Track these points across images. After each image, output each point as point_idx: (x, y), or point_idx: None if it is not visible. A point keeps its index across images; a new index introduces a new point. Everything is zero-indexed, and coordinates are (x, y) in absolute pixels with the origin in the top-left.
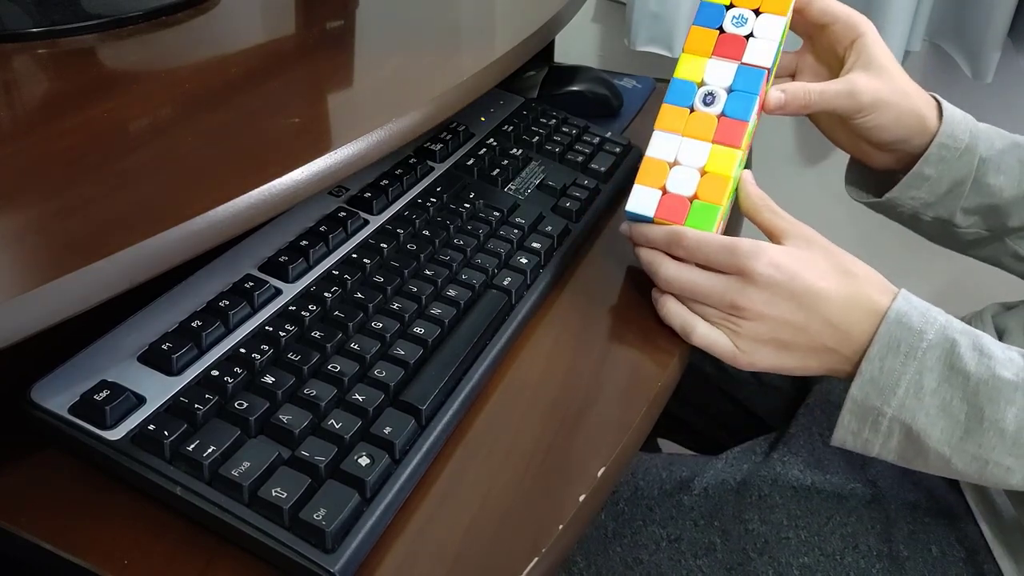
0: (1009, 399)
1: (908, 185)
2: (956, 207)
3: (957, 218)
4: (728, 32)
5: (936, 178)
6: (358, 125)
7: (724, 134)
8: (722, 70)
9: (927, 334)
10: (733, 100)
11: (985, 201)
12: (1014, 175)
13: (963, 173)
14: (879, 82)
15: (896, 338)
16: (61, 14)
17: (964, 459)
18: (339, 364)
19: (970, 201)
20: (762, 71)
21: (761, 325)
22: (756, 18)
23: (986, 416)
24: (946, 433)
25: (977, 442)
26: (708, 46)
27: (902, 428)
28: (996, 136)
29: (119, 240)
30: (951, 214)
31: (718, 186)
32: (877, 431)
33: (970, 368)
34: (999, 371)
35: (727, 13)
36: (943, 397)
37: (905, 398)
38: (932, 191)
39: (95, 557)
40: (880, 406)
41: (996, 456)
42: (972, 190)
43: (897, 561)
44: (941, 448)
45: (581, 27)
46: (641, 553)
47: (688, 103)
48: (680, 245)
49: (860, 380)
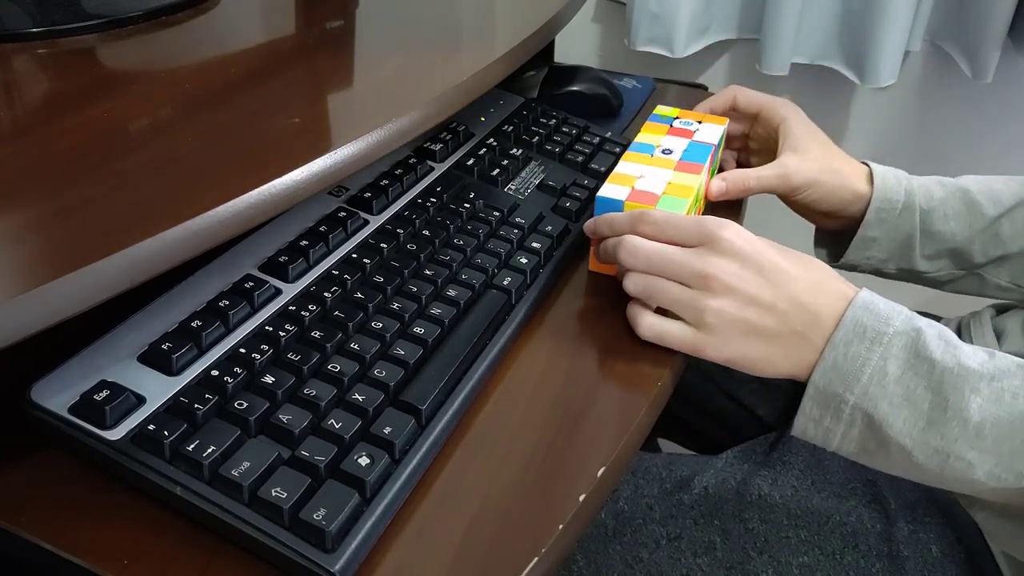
0: (974, 388)
1: (858, 248)
2: (914, 258)
3: (921, 266)
4: (677, 127)
5: (882, 238)
6: (358, 125)
7: (684, 167)
8: (676, 142)
9: (893, 321)
10: (689, 151)
11: (943, 247)
12: (962, 218)
13: (907, 228)
14: (807, 163)
15: (862, 323)
16: (61, 14)
17: (926, 452)
18: (339, 364)
19: (928, 249)
20: (710, 145)
21: (729, 302)
22: (700, 124)
23: (950, 405)
24: (908, 423)
25: (940, 432)
26: (662, 131)
27: (864, 417)
28: (935, 186)
29: (119, 240)
30: (911, 264)
31: (684, 192)
32: (839, 419)
33: (935, 356)
34: (964, 360)
35: (675, 120)
36: (907, 385)
37: (868, 385)
38: (884, 249)
39: (95, 557)
40: (843, 393)
41: (958, 449)
42: (923, 241)
43: (897, 561)
44: (903, 439)
45: (581, 27)
46: (641, 551)
47: (649, 153)
48: (646, 222)
49: (823, 366)
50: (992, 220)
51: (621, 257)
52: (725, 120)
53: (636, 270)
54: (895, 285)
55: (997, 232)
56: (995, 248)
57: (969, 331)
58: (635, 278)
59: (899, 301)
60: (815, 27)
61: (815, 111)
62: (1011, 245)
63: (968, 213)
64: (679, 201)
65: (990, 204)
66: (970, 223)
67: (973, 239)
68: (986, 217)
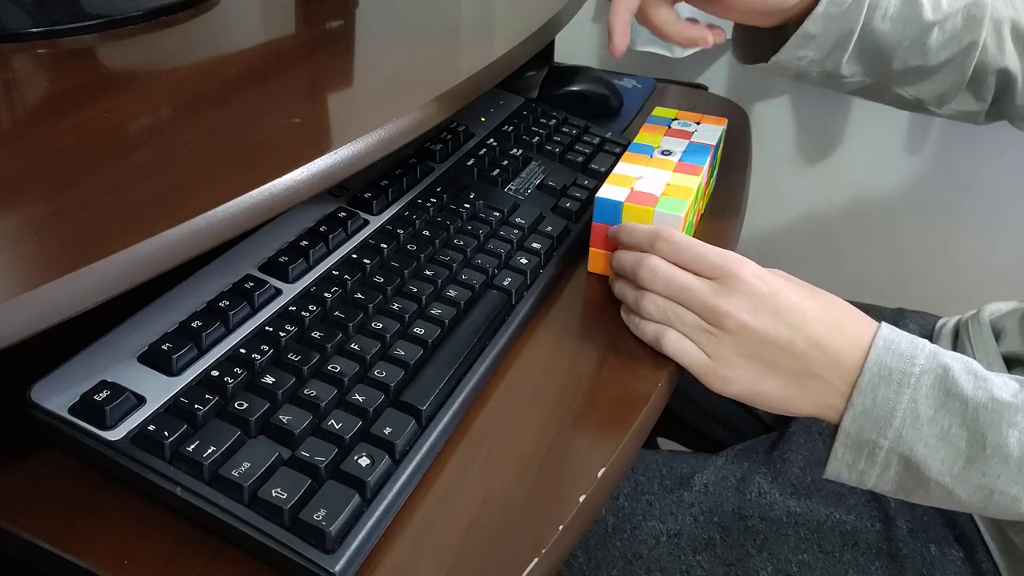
0: (1011, 422)
1: (794, 46)
2: (841, 59)
3: (843, 69)
4: (676, 128)
5: (821, 35)
6: (358, 125)
7: (683, 168)
8: (675, 143)
9: (918, 359)
10: (688, 152)
11: (871, 48)
12: (900, 19)
13: (850, 25)
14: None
15: (887, 366)
16: (61, 14)
17: (968, 489)
18: (339, 364)
19: (856, 51)
20: (709, 146)
21: (743, 339)
22: (698, 126)
23: (988, 442)
24: (947, 463)
25: (981, 471)
26: (661, 132)
27: (900, 459)
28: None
29: (119, 240)
30: (836, 67)
31: (683, 193)
32: (874, 463)
33: (967, 392)
34: (997, 393)
35: (673, 121)
36: (941, 425)
37: (902, 428)
38: (818, 48)
39: (95, 557)
40: (876, 438)
41: (1002, 485)
42: (859, 41)
43: (896, 559)
44: (943, 479)
45: (581, 27)
46: (641, 548)
47: (648, 154)
48: (666, 241)
49: (852, 413)
50: (928, 26)
51: (642, 276)
52: (724, 120)
53: (652, 291)
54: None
55: (924, 40)
56: (916, 58)
57: (967, 331)
58: (655, 300)
59: (900, 300)
60: None
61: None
62: (931, 58)
63: (908, 14)
64: (678, 202)
65: (931, 8)
66: (905, 24)
67: (901, 43)
68: (923, 21)
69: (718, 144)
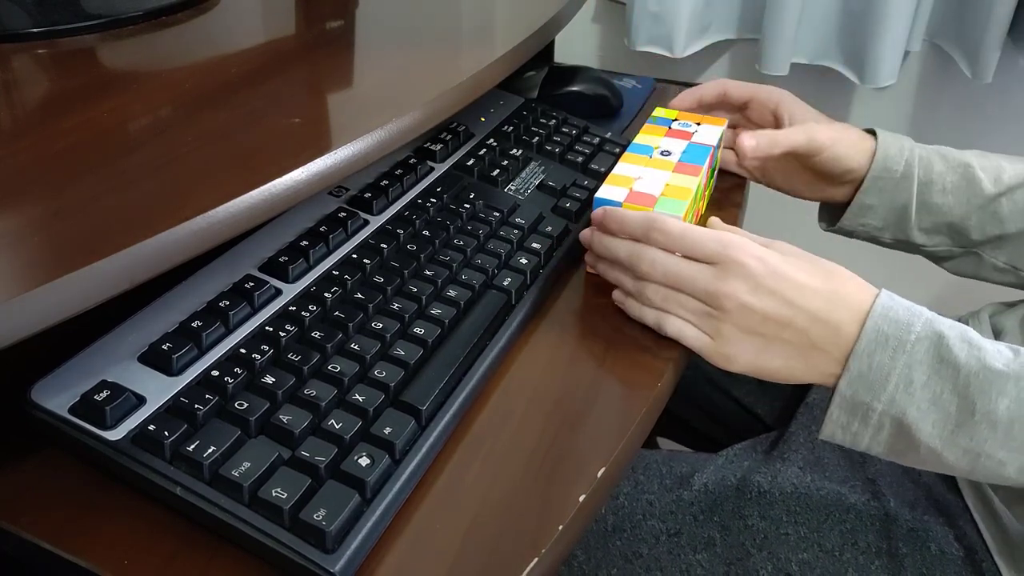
0: (1000, 390)
1: (854, 214)
2: (910, 229)
3: (917, 238)
4: (676, 129)
5: (879, 206)
6: (358, 125)
7: (683, 168)
8: (675, 143)
9: (914, 327)
10: (688, 152)
11: (940, 220)
12: (960, 193)
13: (904, 198)
14: (823, 125)
15: (883, 332)
16: (61, 14)
17: (955, 452)
18: (339, 364)
19: (924, 222)
20: (709, 146)
21: (744, 318)
22: (698, 126)
23: (978, 408)
24: (937, 427)
25: (969, 435)
26: (661, 132)
27: (892, 422)
28: (937, 158)
29: (119, 240)
30: (908, 236)
31: (682, 194)
32: (867, 424)
33: (960, 359)
34: (989, 362)
35: (673, 122)
36: (933, 390)
37: (895, 393)
38: (880, 217)
39: (95, 557)
40: (870, 401)
41: (988, 448)
42: (920, 212)
43: (896, 558)
44: (932, 442)
45: (581, 27)
46: (641, 547)
47: (647, 154)
48: (660, 230)
49: (848, 376)
50: (991, 198)
51: (642, 270)
52: (723, 121)
53: (651, 281)
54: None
55: (996, 211)
56: (993, 227)
57: None
58: (656, 288)
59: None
60: (815, 27)
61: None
62: (1009, 225)
63: (967, 188)
64: (677, 203)
65: (991, 181)
66: (968, 198)
67: (970, 215)
68: (985, 194)
69: (718, 145)
